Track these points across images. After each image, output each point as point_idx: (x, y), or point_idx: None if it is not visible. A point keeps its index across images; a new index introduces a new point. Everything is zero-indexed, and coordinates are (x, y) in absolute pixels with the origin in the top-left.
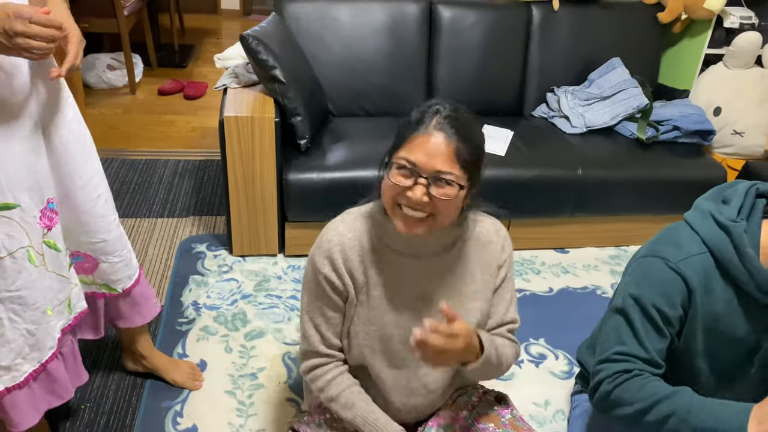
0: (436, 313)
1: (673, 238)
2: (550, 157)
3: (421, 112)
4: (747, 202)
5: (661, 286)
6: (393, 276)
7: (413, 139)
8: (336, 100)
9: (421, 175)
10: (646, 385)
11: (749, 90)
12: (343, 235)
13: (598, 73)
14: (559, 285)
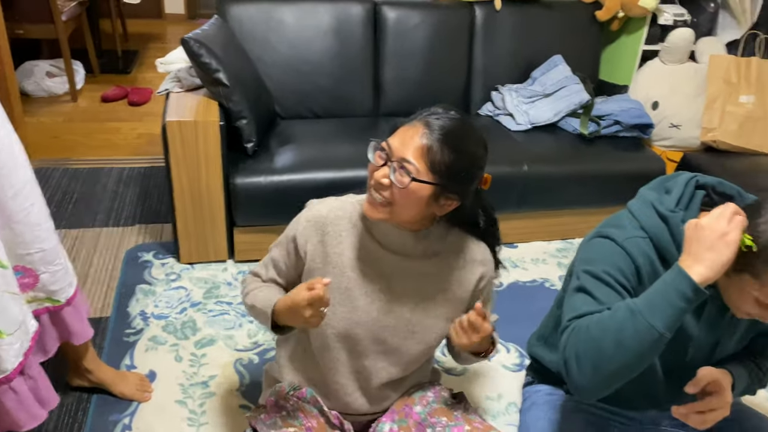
0: (407, 311)
1: (617, 222)
2: (496, 154)
3: (423, 110)
4: (686, 193)
5: (610, 259)
6: (372, 265)
7: (400, 128)
8: (283, 103)
9: (390, 159)
10: (593, 315)
11: (684, 84)
12: (333, 209)
13: (541, 71)
14: (509, 279)
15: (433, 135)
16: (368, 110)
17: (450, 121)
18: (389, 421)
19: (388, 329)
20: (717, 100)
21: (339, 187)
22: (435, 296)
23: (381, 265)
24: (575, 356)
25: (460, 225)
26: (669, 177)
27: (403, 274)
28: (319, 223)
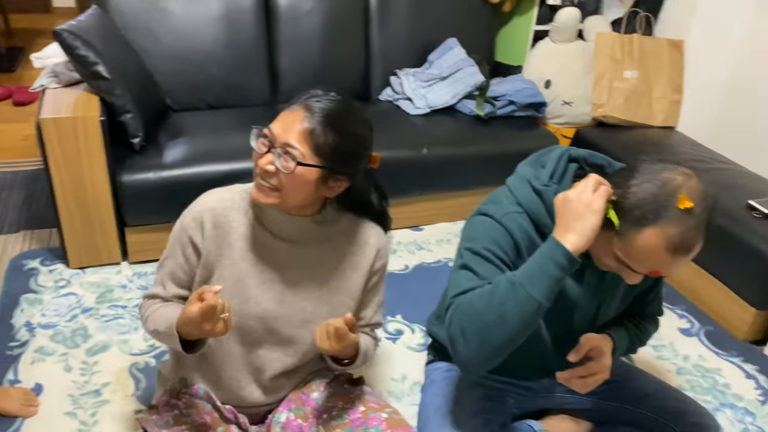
0: (301, 300)
1: (496, 198)
2: (396, 139)
3: (302, 93)
4: (559, 167)
5: (489, 235)
6: (264, 255)
7: (281, 113)
8: (174, 95)
9: (274, 145)
10: (475, 290)
11: (574, 63)
12: (221, 200)
13: (437, 54)
14: (415, 262)
15: (314, 118)
16: (265, 99)
17: (331, 103)
18: (286, 410)
19: (281, 319)
20: (604, 76)
21: (235, 180)
22: (330, 283)
23: (273, 255)
24: (461, 332)
25: (352, 208)
26: (544, 152)
27: (296, 262)
28: (209, 216)
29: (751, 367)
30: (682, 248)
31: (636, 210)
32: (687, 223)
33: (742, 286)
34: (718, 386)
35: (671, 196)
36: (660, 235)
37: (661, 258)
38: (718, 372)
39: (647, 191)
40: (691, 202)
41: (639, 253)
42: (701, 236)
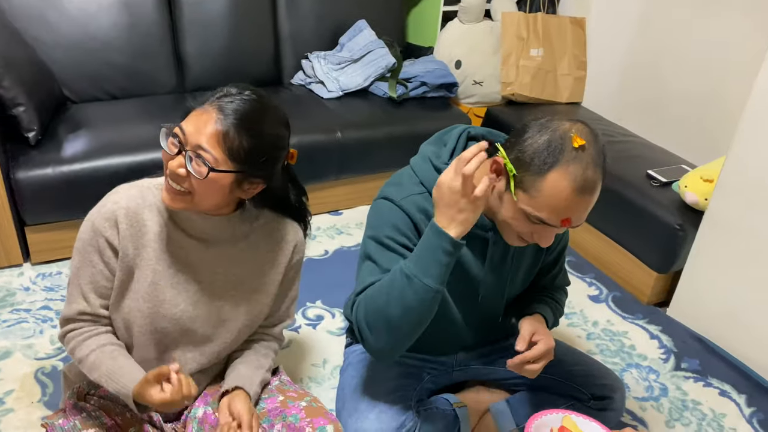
0: (217, 300)
1: (398, 180)
2: (309, 123)
3: (216, 91)
4: (459, 145)
5: (389, 220)
6: (178, 255)
7: (193, 112)
8: (73, 86)
9: (185, 147)
10: (373, 286)
11: (482, 42)
12: (132, 198)
13: (348, 37)
14: (334, 246)
15: (227, 120)
16: (172, 87)
17: (245, 103)
18: (203, 404)
19: (197, 320)
20: (511, 55)
21: (141, 173)
22: (246, 281)
23: (187, 255)
24: (367, 326)
25: (269, 205)
26: (446, 131)
27: (212, 261)
28: (122, 214)
29: (655, 328)
30: (586, 185)
31: (535, 159)
32: (584, 159)
33: (644, 252)
34: (624, 348)
35: (564, 138)
36: (564, 176)
37: (569, 200)
38: (624, 335)
39: (541, 140)
40: (583, 140)
41: (548, 201)
42: (600, 173)
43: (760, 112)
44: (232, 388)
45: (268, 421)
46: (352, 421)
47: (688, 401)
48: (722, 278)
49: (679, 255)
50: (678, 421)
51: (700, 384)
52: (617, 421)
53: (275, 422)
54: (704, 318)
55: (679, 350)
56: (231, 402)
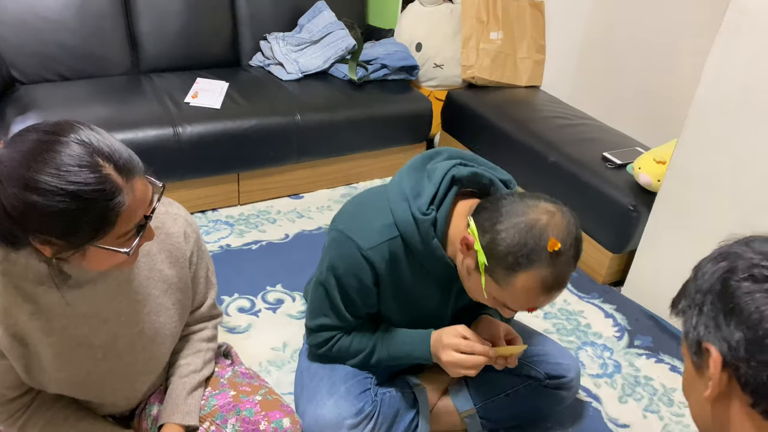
0: (132, 326)
1: (367, 218)
2: (267, 105)
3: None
4: (441, 189)
5: (353, 268)
6: (64, 317)
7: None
8: (21, 66)
9: (147, 218)
10: (351, 345)
11: (443, 25)
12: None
13: (307, 18)
14: (295, 230)
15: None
16: (126, 68)
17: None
18: (157, 402)
19: (123, 361)
20: (471, 38)
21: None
22: (153, 294)
23: (76, 310)
24: (324, 360)
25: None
26: (432, 155)
27: (105, 298)
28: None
29: (610, 306)
30: (557, 286)
31: (508, 256)
32: (559, 262)
33: (600, 233)
34: (580, 327)
35: (540, 239)
36: (535, 278)
37: (537, 297)
38: (580, 314)
39: (516, 238)
40: (559, 244)
41: (515, 296)
42: (573, 268)
43: (710, 96)
44: (159, 427)
45: (220, 417)
46: (311, 408)
47: (641, 377)
48: (674, 258)
49: (633, 235)
50: (630, 396)
51: (652, 360)
52: (573, 399)
53: (228, 417)
54: (657, 296)
55: (633, 328)
56: None
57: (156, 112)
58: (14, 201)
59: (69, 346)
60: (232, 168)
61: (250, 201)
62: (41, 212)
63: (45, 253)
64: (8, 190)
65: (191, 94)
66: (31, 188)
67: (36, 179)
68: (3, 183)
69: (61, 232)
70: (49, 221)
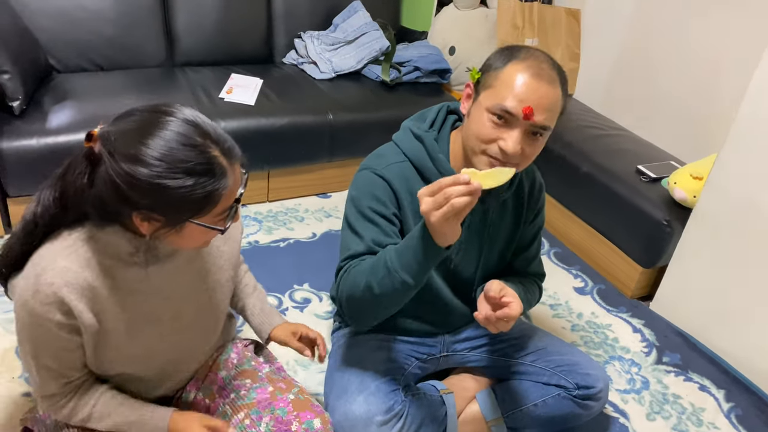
0: (194, 302)
1: (380, 152)
2: (301, 104)
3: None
4: (439, 117)
5: (370, 190)
6: (140, 293)
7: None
8: (59, 55)
9: (237, 201)
10: (363, 264)
11: (477, 29)
12: (67, 270)
13: (342, 17)
14: (322, 229)
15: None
16: (161, 60)
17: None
18: (194, 389)
19: (184, 337)
20: (506, 43)
21: None
22: (212, 271)
23: (153, 284)
24: (347, 299)
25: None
26: (427, 109)
27: (175, 275)
28: (65, 294)
29: (638, 321)
30: (542, 73)
31: (497, 58)
32: (540, 57)
33: (631, 247)
34: (608, 341)
35: (522, 47)
36: (519, 65)
37: (526, 84)
38: (608, 327)
39: (501, 52)
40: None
41: (507, 85)
42: (556, 74)
43: (755, 112)
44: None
45: (256, 413)
46: (341, 404)
47: (669, 395)
48: (706, 276)
49: (664, 251)
50: (659, 414)
51: (680, 378)
52: (601, 414)
53: (263, 414)
54: (686, 314)
55: (661, 344)
56: (286, 334)
57: (191, 106)
58: (125, 175)
59: (140, 323)
60: (263, 165)
61: (279, 198)
62: (152, 187)
63: (142, 230)
64: (120, 164)
65: (226, 90)
66: (143, 163)
67: (147, 154)
68: (115, 157)
69: (167, 208)
70: (158, 197)
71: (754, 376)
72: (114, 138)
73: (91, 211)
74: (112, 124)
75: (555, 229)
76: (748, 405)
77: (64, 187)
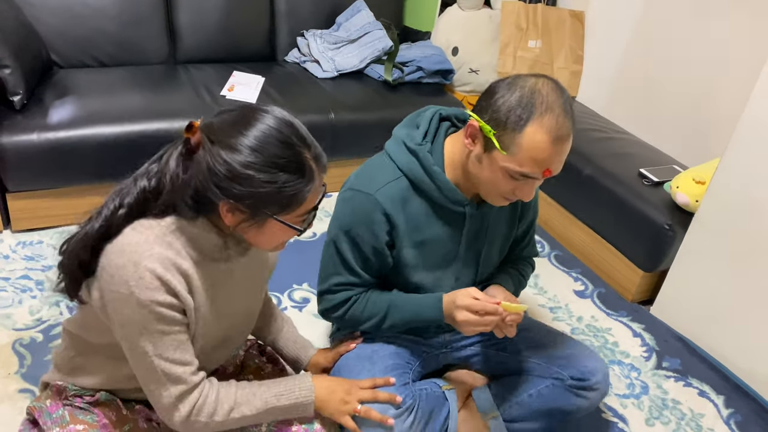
0: (244, 300)
1: (370, 170)
2: (302, 102)
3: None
4: (432, 126)
5: (363, 217)
6: (220, 287)
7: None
8: (61, 50)
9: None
10: (364, 309)
11: (481, 30)
12: (164, 257)
13: (345, 16)
14: (323, 229)
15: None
16: (163, 57)
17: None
18: None
19: (230, 335)
20: (509, 45)
21: (127, 143)
22: (257, 274)
23: (230, 279)
24: (346, 323)
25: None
26: (418, 113)
27: (242, 272)
28: (169, 278)
29: (638, 326)
30: (561, 134)
31: (510, 116)
32: (556, 109)
33: (632, 250)
34: (608, 345)
35: (534, 92)
36: (539, 128)
37: (548, 151)
38: (608, 331)
39: (512, 98)
40: (553, 92)
41: (528, 154)
42: (570, 121)
43: (759, 116)
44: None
45: None
46: None
47: (668, 400)
48: (707, 281)
49: (666, 255)
50: (658, 419)
51: (680, 384)
52: (599, 402)
53: None
54: (687, 318)
55: (661, 349)
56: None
57: (193, 104)
58: (220, 161)
59: (212, 317)
60: None
61: None
62: (247, 178)
63: (226, 221)
64: (217, 150)
65: (228, 87)
66: (239, 152)
67: (245, 144)
68: (214, 143)
69: (254, 200)
70: (248, 187)
71: (754, 382)
72: (216, 127)
73: (179, 202)
74: (214, 116)
75: (555, 232)
76: (747, 411)
77: (159, 175)
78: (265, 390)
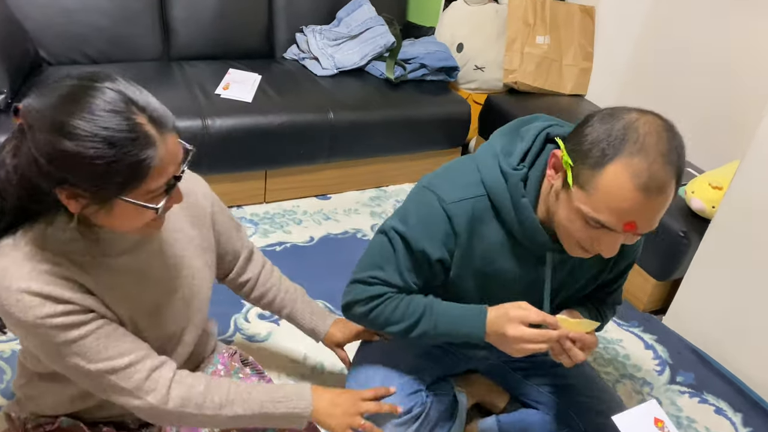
0: (172, 292)
1: (454, 175)
2: (300, 101)
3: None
4: (534, 147)
5: (427, 225)
6: (118, 285)
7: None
8: (49, 47)
9: (177, 179)
10: (394, 310)
11: (487, 26)
12: (36, 271)
13: (346, 11)
14: (321, 233)
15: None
16: (157, 54)
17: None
18: None
19: (167, 331)
20: (516, 41)
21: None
22: (186, 257)
23: (120, 279)
24: (368, 322)
25: None
26: (526, 120)
27: (145, 267)
28: (50, 292)
29: (650, 337)
30: (652, 183)
31: (593, 149)
32: (651, 153)
33: (644, 258)
34: (618, 357)
35: (628, 128)
36: (624, 170)
37: (631, 199)
38: (619, 343)
39: (602, 129)
40: (652, 131)
41: (606, 198)
42: (672, 172)
43: None
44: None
45: None
46: None
47: (683, 418)
48: (723, 290)
49: (680, 263)
50: None
51: (695, 400)
52: None
53: None
54: (701, 329)
55: (675, 362)
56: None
57: (185, 103)
58: (44, 146)
59: (137, 312)
60: (260, 164)
61: (276, 199)
62: (72, 158)
63: (71, 208)
64: (38, 136)
65: (222, 86)
66: (62, 132)
67: (68, 122)
68: (33, 128)
69: (90, 181)
70: (79, 168)
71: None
72: (35, 109)
73: (27, 203)
74: (40, 94)
75: None
76: (767, 430)
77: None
78: (263, 393)
